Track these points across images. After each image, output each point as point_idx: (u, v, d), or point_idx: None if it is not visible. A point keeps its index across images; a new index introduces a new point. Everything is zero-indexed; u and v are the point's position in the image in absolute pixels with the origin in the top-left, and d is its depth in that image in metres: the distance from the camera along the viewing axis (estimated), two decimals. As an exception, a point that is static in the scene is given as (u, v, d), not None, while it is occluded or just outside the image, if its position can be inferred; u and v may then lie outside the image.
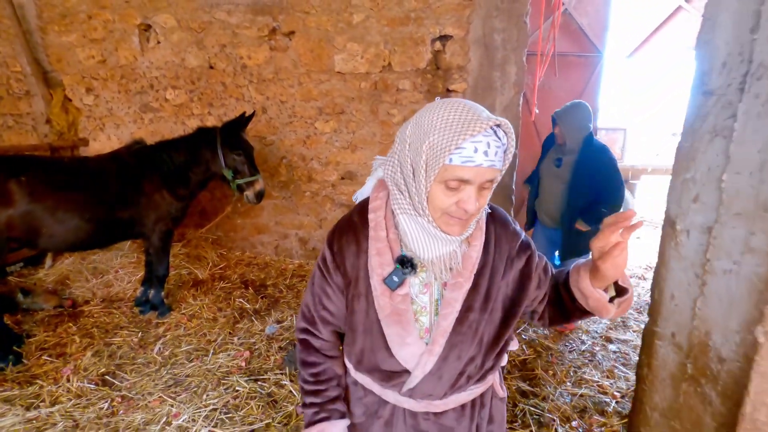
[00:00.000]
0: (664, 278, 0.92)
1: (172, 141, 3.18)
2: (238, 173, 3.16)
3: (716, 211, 0.77)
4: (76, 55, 4.21)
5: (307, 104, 4.11)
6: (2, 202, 2.51)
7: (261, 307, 3.50)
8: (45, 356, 2.78)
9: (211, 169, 3.17)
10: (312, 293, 1.04)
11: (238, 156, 3.13)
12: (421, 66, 3.93)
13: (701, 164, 0.82)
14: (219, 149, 3.09)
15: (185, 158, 3.09)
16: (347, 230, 0.97)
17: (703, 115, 0.81)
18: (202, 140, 3.11)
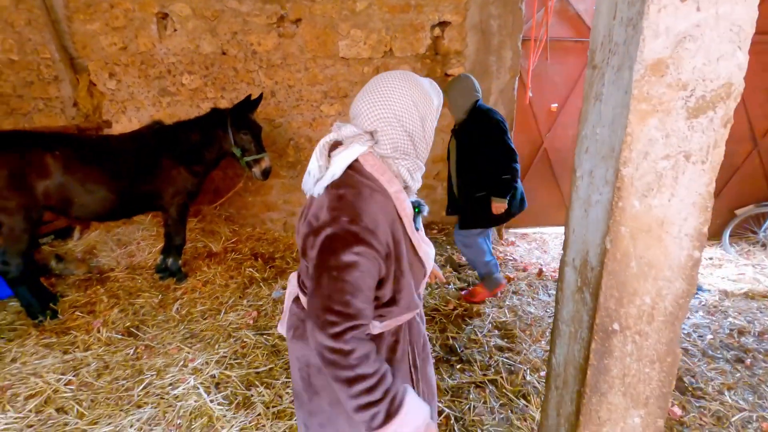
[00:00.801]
0: (570, 217, 1.16)
1: (188, 121, 3.47)
2: (246, 151, 3.44)
3: (594, 157, 1.01)
4: (99, 43, 4.52)
5: (313, 88, 4.35)
6: (40, 173, 2.84)
7: (269, 276, 3.80)
8: (77, 312, 3.13)
9: (223, 147, 3.46)
10: (361, 294, 0.92)
11: (246, 135, 3.40)
12: (420, 51, 4.13)
13: (589, 123, 1.04)
14: (229, 129, 3.37)
15: (200, 137, 3.38)
16: (369, 204, 0.94)
17: (590, 84, 1.03)
18: (215, 121, 3.40)
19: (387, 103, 0.98)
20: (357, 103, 1.03)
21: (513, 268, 3.87)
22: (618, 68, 0.87)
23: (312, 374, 1.11)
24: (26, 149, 2.79)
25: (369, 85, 1.04)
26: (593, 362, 0.94)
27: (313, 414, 1.13)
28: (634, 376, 0.94)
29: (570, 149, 4.90)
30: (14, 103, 4.88)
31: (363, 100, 1.01)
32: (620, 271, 0.88)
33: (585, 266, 1.00)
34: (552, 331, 1.22)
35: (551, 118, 4.76)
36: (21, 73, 4.74)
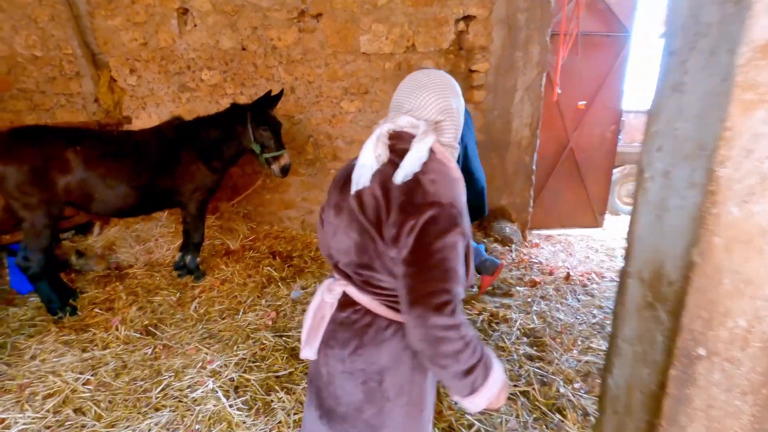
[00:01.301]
0: (635, 222, 1.03)
1: (208, 117, 3.42)
2: (266, 148, 3.36)
3: (672, 156, 0.88)
4: (120, 38, 4.51)
5: (333, 84, 4.27)
6: (61, 169, 2.81)
7: (287, 275, 3.73)
8: (96, 309, 3.11)
9: (242, 144, 3.39)
10: (459, 273, 0.97)
11: (265, 131, 3.31)
12: (444, 46, 4.00)
13: (662, 117, 0.92)
14: (249, 124, 3.30)
15: (219, 133, 3.32)
16: (457, 189, 1.01)
17: (665, 74, 0.91)
18: (235, 116, 3.33)
19: (450, 96, 1.08)
20: (414, 95, 1.07)
21: (539, 272, 3.73)
22: (711, 52, 0.75)
23: (387, 379, 1.08)
24: (48, 144, 2.77)
25: (420, 79, 1.09)
26: (671, 390, 0.82)
27: (380, 426, 1.10)
28: (721, 408, 0.82)
29: (597, 148, 4.72)
30: (37, 99, 4.91)
31: (424, 93, 1.06)
32: (710, 288, 0.76)
33: (658, 280, 0.88)
34: (609, 348, 1.10)
35: (578, 116, 4.58)
36: (44, 69, 4.77)
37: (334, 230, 1.10)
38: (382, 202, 0.99)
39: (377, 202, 0.99)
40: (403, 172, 0.96)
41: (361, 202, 1.01)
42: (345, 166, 1.19)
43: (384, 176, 0.99)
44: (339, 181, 1.14)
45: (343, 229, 1.07)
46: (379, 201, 0.99)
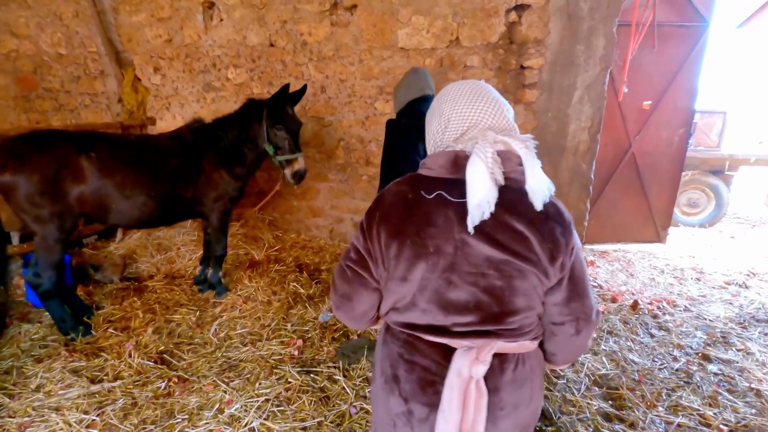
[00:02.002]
0: None
1: (225, 117, 3.11)
2: (279, 149, 2.99)
3: None
4: (144, 35, 4.28)
5: (367, 83, 3.90)
6: (75, 178, 2.56)
7: (315, 293, 3.41)
8: (111, 329, 2.86)
9: (257, 145, 3.05)
10: None
11: (279, 131, 2.94)
12: (492, 40, 3.57)
13: None
14: (264, 122, 2.96)
15: (237, 134, 3.01)
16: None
17: None
18: (251, 113, 3.01)
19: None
20: (493, 110, 1.01)
21: (600, 298, 3.26)
22: None
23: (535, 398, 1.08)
24: (59, 151, 2.52)
25: (483, 92, 1.03)
26: None
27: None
28: None
29: (663, 153, 4.18)
30: (62, 99, 4.77)
31: (501, 107, 1.02)
32: None
33: None
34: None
35: (642, 118, 4.05)
36: (69, 67, 4.61)
37: (439, 286, 0.97)
38: (528, 233, 0.93)
39: (520, 233, 0.93)
40: (541, 195, 0.93)
41: (493, 240, 0.93)
42: (392, 201, 1.03)
43: (510, 204, 0.94)
44: (416, 222, 0.98)
45: (465, 278, 0.95)
46: (524, 232, 0.93)
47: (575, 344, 1.04)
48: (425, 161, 1.06)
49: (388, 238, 1.00)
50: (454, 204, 0.95)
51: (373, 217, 1.04)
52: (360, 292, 1.10)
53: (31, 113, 4.90)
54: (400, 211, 1.00)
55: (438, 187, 0.98)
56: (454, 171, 0.98)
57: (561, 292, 0.98)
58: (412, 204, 0.99)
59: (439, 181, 0.99)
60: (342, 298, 1.13)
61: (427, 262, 0.96)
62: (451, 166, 0.98)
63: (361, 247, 1.07)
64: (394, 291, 1.03)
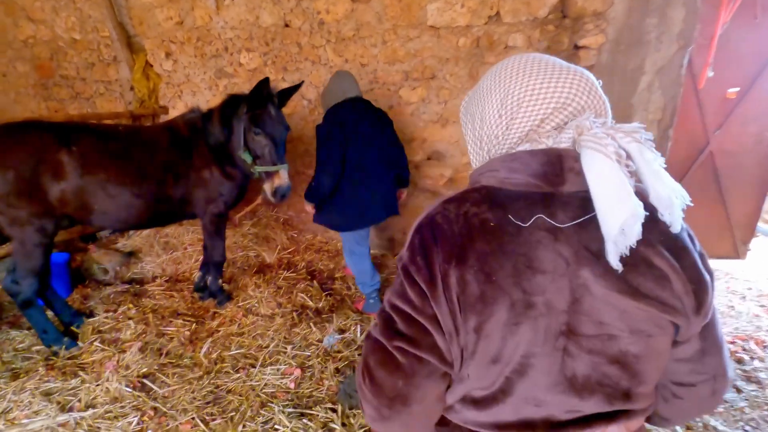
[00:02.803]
0: None
1: (209, 111, 2.71)
2: (258, 158, 2.51)
3: None
4: (155, 17, 3.99)
5: (391, 67, 3.42)
6: (54, 174, 2.27)
7: (324, 308, 3.02)
8: (98, 341, 2.61)
9: (230, 149, 2.61)
10: None
11: (257, 135, 2.45)
12: (540, 14, 2.98)
13: None
14: (241, 123, 2.48)
15: (220, 130, 2.60)
16: None
17: None
18: (231, 110, 2.56)
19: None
20: (591, 90, 0.72)
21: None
22: None
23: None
24: (37, 144, 2.23)
25: (569, 65, 0.74)
26: None
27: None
28: None
29: (749, 152, 3.44)
30: (78, 87, 4.60)
31: (595, 87, 0.73)
32: None
33: None
34: None
35: (725, 108, 3.33)
36: (83, 53, 4.41)
37: (550, 361, 0.68)
38: (668, 269, 0.66)
39: (659, 271, 0.66)
40: (677, 210, 0.65)
41: (626, 284, 0.65)
42: (460, 231, 0.70)
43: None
44: (512, 267, 0.66)
45: (585, 344, 0.67)
46: (662, 269, 0.66)
47: (703, 407, 0.82)
48: (493, 166, 0.74)
49: (466, 295, 0.66)
50: (565, 233, 0.67)
51: (431, 259, 0.70)
52: (424, 386, 0.72)
53: (49, 101, 4.78)
54: (480, 249, 0.67)
55: (531, 206, 0.68)
56: (554, 180, 0.69)
57: (694, 345, 0.74)
58: (498, 236, 0.67)
59: (527, 197, 0.70)
60: (393, 402, 0.73)
61: (534, 327, 0.66)
62: (549, 172, 0.69)
63: (418, 311, 0.71)
64: (475, 377, 0.71)
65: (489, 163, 0.76)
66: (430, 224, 0.73)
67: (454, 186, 3.52)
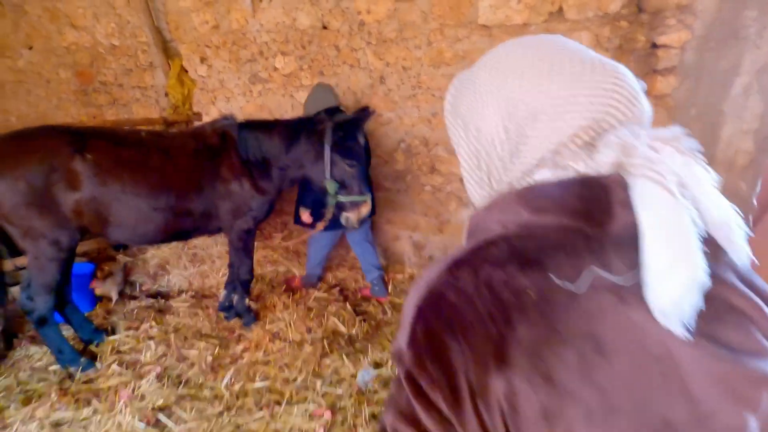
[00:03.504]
0: None
1: (266, 122, 2.54)
2: (345, 188, 2.44)
3: None
4: (191, 21, 3.88)
5: (436, 71, 3.12)
6: (68, 184, 2.10)
7: (358, 334, 2.73)
8: (116, 363, 2.42)
9: (307, 174, 2.53)
10: None
11: (351, 167, 2.42)
12: (611, 9, 2.60)
13: None
14: (328, 153, 2.37)
15: (278, 150, 2.44)
16: None
17: None
18: (307, 134, 2.44)
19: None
20: (633, 94, 0.52)
21: None
22: None
23: None
24: (50, 152, 2.07)
25: (597, 60, 0.54)
26: None
27: None
28: None
29: None
30: (115, 93, 4.57)
31: (636, 89, 0.54)
32: None
33: None
34: None
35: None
36: (121, 59, 4.38)
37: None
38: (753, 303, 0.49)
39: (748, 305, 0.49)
40: (740, 242, 0.50)
41: (716, 342, 0.46)
42: (487, 310, 0.46)
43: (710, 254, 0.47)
44: (570, 361, 0.43)
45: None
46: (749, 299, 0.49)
47: None
48: (509, 206, 0.54)
49: (520, 414, 0.44)
50: (629, 289, 0.45)
51: (450, 365, 0.47)
52: None
53: (89, 107, 4.78)
54: (526, 338, 0.44)
55: (575, 258, 0.47)
56: (600, 218, 0.48)
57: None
58: (545, 312, 0.45)
59: (568, 245, 0.48)
60: None
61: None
62: (593, 209, 0.49)
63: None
64: None
65: (501, 202, 0.55)
66: (437, 305, 0.49)
67: (504, 202, 3.16)
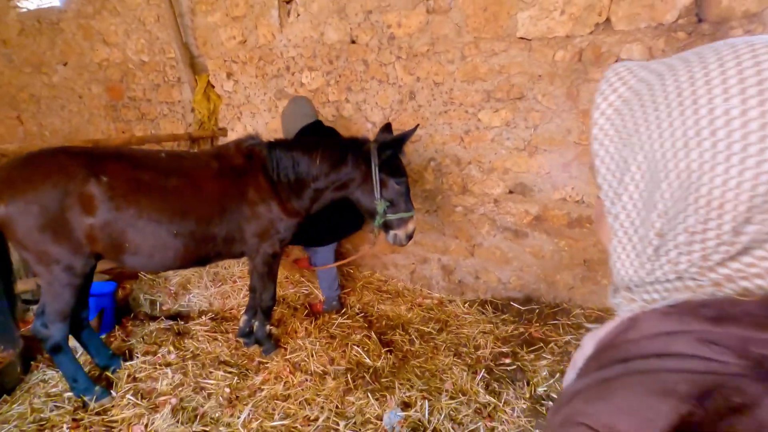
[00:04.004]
0: None
1: (305, 143, 2.43)
2: (392, 206, 2.38)
3: None
4: (219, 36, 3.85)
5: (470, 86, 2.95)
6: (83, 208, 2.01)
7: (383, 368, 2.54)
8: (131, 393, 2.31)
9: (354, 197, 2.44)
10: None
11: (400, 185, 2.37)
12: (667, 19, 2.38)
13: None
14: (376, 173, 2.30)
15: (319, 171, 2.34)
16: None
17: None
18: (354, 155, 2.35)
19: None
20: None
21: None
22: None
23: None
24: (64, 175, 1.98)
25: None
26: None
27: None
28: None
29: None
30: (144, 108, 4.59)
31: None
32: None
33: None
34: None
35: None
36: (150, 75, 4.40)
37: None
38: None
39: None
40: None
41: None
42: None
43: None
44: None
45: None
46: None
47: None
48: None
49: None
50: None
51: None
52: None
53: (118, 122, 4.83)
54: None
55: None
56: None
57: None
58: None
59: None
60: None
61: None
62: None
63: None
64: None
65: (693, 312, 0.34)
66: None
67: (541, 226, 2.94)
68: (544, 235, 2.95)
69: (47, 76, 5.12)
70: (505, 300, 3.20)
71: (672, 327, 0.33)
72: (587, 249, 2.83)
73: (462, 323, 3.05)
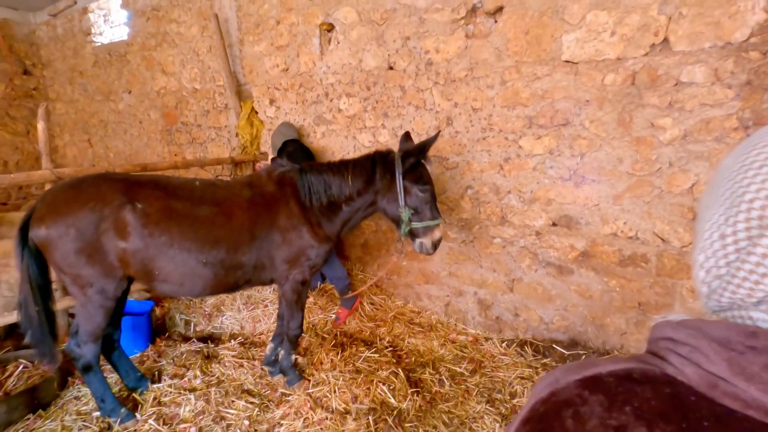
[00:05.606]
0: None
1: (333, 165, 2.40)
2: (418, 214, 2.31)
3: None
4: (263, 65, 3.99)
5: (510, 112, 2.80)
6: (116, 233, 2.06)
7: (408, 410, 2.37)
8: (154, 418, 2.30)
9: (380, 206, 2.40)
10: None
11: (424, 192, 2.31)
12: (735, 38, 2.13)
13: None
14: (400, 181, 2.26)
15: (351, 190, 2.33)
16: None
17: None
18: (381, 168, 2.32)
19: None
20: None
21: None
22: None
23: None
24: (101, 201, 2.05)
25: None
26: None
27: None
28: None
29: None
30: (194, 132, 4.82)
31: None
32: None
33: None
34: None
35: None
36: (201, 101, 4.63)
37: None
38: None
39: None
40: None
41: None
42: None
43: None
44: None
45: None
46: None
47: None
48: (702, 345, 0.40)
49: None
50: None
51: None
52: None
53: (172, 145, 5.11)
54: None
55: None
56: None
57: None
58: None
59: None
60: None
61: None
62: None
63: None
64: None
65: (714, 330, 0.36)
66: (552, 417, 0.39)
67: (588, 262, 2.68)
68: (591, 273, 2.69)
69: (114, 103, 5.57)
70: (548, 342, 2.93)
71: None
72: (642, 291, 2.54)
73: (498, 365, 2.82)
